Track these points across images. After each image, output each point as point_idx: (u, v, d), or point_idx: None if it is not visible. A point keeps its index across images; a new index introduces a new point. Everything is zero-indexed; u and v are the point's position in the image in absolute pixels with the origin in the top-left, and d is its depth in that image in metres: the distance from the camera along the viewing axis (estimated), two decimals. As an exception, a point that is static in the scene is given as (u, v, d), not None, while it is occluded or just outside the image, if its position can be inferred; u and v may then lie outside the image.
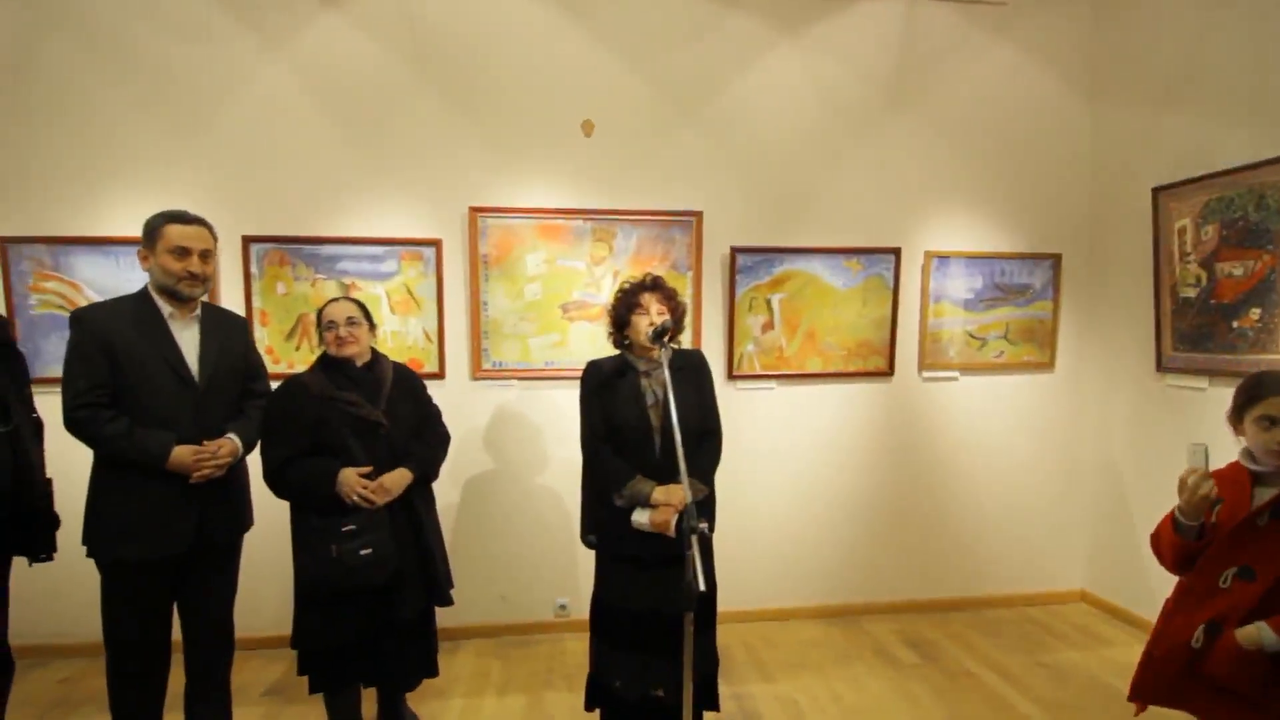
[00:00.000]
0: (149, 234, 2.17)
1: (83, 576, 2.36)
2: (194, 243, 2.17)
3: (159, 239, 2.15)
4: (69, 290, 3.09)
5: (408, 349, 3.29)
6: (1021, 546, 3.80)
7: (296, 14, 3.20)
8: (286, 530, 2.30)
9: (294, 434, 2.22)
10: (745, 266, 3.46)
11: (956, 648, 3.32)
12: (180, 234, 2.16)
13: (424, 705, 2.72)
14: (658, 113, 3.42)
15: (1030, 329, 3.71)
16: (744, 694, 2.89)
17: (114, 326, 2.11)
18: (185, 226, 2.18)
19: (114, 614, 2.16)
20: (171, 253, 2.14)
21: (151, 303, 2.18)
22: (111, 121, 3.12)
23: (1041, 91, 3.67)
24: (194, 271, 2.17)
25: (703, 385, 2.30)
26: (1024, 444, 3.77)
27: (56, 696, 2.87)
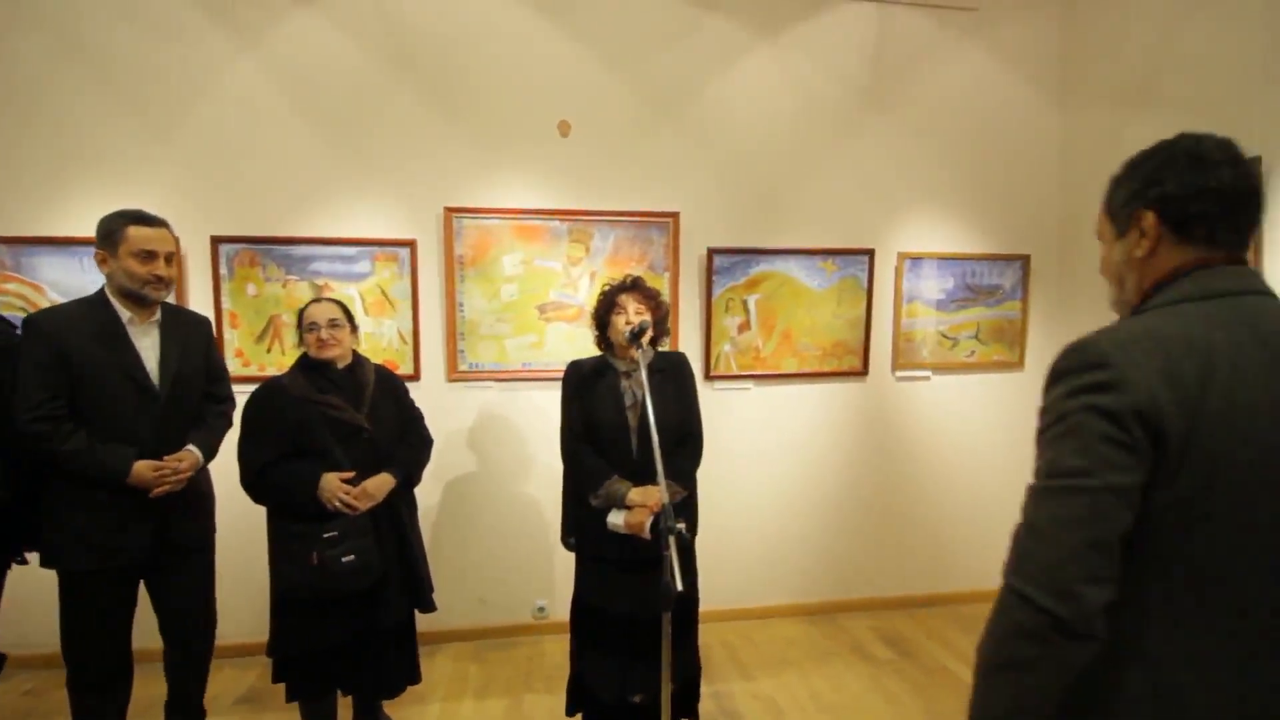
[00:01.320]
0: (107, 235, 2.10)
1: (44, 583, 2.30)
2: (159, 245, 2.13)
3: (120, 241, 2.09)
4: (30, 292, 3.01)
5: (382, 350, 3.25)
6: (995, 542, 3.86)
7: (270, 11, 3.14)
8: (256, 535, 2.26)
9: (273, 437, 2.17)
10: (722, 267, 3.48)
11: (933, 644, 3.37)
12: (144, 236, 2.10)
13: (401, 710, 2.69)
14: (635, 113, 3.42)
15: (1000, 329, 3.78)
16: (723, 693, 2.91)
17: (70, 333, 2.04)
18: (149, 229, 2.12)
19: (71, 624, 2.11)
20: (135, 256, 2.09)
21: (110, 307, 2.12)
22: (76, 119, 3.04)
23: (1011, 94, 3.74)
24: (161, 275, 2.12)
25: (683, 387, 2.30)
26: (995, 441, 3.84)
27: (22, 708, 2.80)
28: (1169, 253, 1.03)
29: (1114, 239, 1.12)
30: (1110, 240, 1.14)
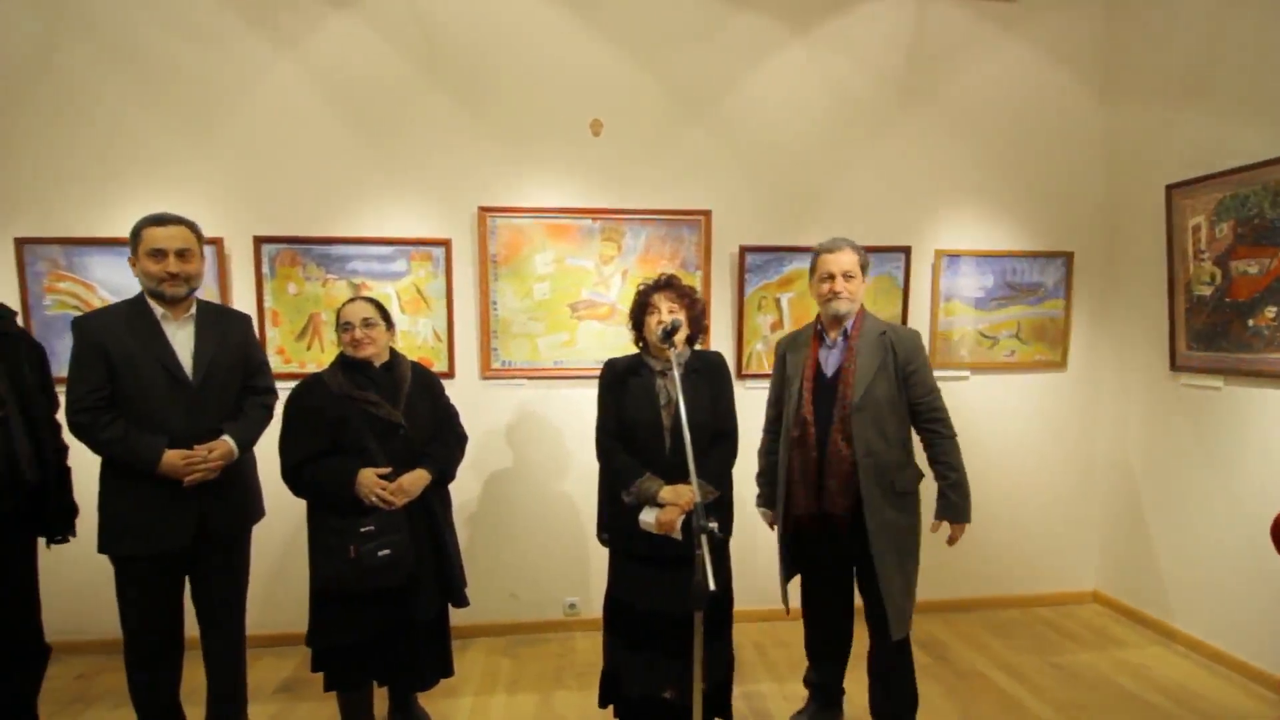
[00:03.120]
0: (133, 239, 2.22)
1: (95, 572, 2.39)
2: (168, 243, 2.19)
3: (140, 243, 2.20)
4: (82, 290, 3.12)
5: (418, 348, 3.30)
6: (1033, 546, 3.78)
7: (308, 15, 3.21)
8: (300, 527, 2.32)
9: (313, 432, 2.23)
10: (754, 265, 3.46)
11: (967, 648, 3.31)
12: (155, 236, 2.19)
13: (435, 703, 2.73)
14: (667, 112, 3.42)
15: (1042, 328, 3.68)
16: (754, 693, 2.89)
17: (109, 331, 2.16)
18: (161, 228, 2.21)
19: (126, 606, 2.22)
20: (150, 255, 2.19)
21: (145, 305, 2.23)
22: (125, 123, 3.14)
23: (1053, 88, 3.64)
24: (172, 271, 2.19)
25: (719, 387, 2.29)
26: (1036, 443, 3.74)
27: (74, 692, 2.90)
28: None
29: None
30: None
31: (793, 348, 2.45)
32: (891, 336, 2.32)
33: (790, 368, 2.41)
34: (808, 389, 2.32)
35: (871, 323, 2.36)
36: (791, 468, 2.32)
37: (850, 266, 2.30)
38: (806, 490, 2.30)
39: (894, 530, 2.26)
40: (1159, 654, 3.24)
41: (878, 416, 2.25)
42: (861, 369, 2.26)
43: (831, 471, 2.25)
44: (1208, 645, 3.17)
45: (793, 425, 2.32)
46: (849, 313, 2.31)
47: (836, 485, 2.25)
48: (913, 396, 2.31)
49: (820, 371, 2.34)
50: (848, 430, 2.24)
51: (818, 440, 2.27)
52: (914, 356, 2.31)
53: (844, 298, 2.29)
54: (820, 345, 2.37)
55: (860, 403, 2.24)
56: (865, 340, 2.30)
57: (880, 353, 2.28)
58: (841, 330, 2.34)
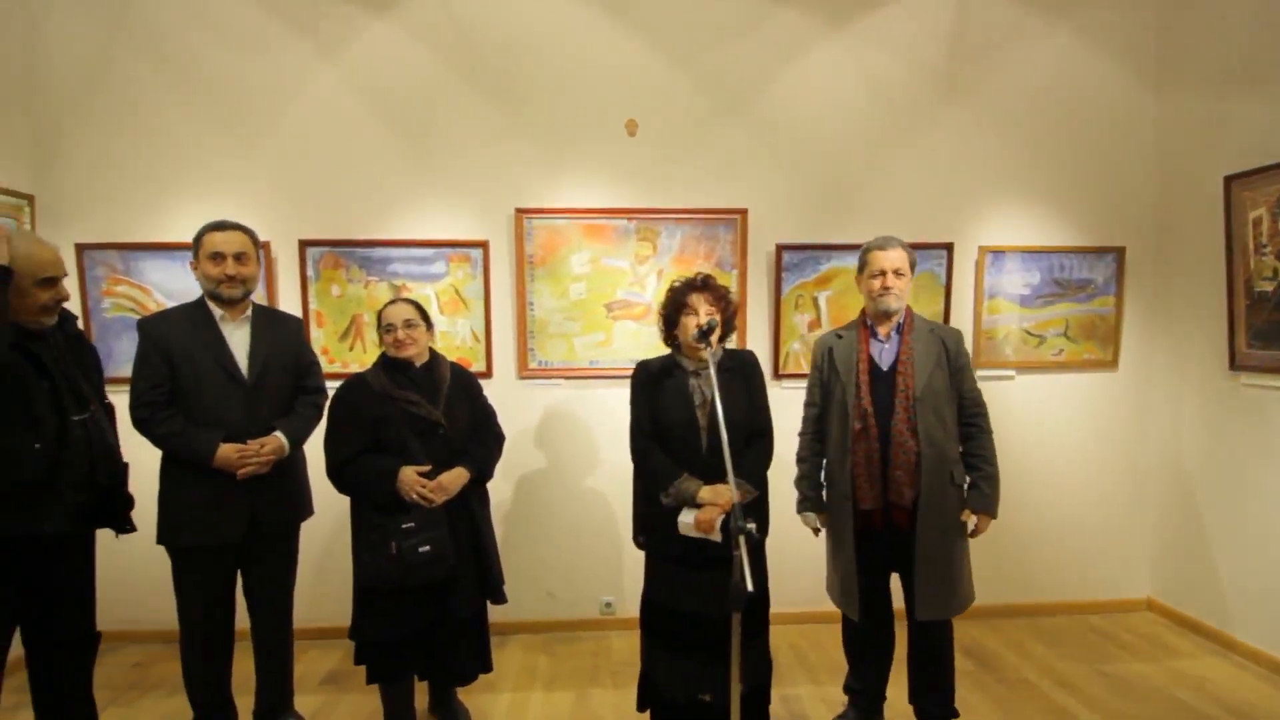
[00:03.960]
0: (195, 244, 2.33)
1: (151, 565, 2.49)
2: (226, 247, 2.30)
3: (200, 248, 2.31)
4: (139, 294, 3.25)
5: (456, 349, 3.35)
6: (1083, 552, 3.66)
7: (349, 23, 3.28)
8: (345, 524, 2.38)
9: (356, 431, 2.29)
10: (791, 264, 3.42)
11: (1014, 655, 3.22)
12: (214, 240, 2.30)
13: (473, 698, 2.76)
14: (702, 110, 3.40)
15: (1092, 326, 3.57)
16: (791, 696, 2.86)
17: (171, 331, 2.28)
18: (220, 233, 2.32)
19: (182, 596, 2.33)
20: (209, 259, 2.29)
21: (205, 307, 2.33)
22: (177, 131, 3.26)
23: (1102, 78, 3.52)
24: (230, 274, 2.30)
25: (753, 386, 2.28)
26: (1085, 445, 3.63)
27: (130, 679, 3.02)
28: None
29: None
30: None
31: (840, 343, 2.44)
32: (940, 333, 2.38)
33: (839, 362, 2.39)
34: (864, 381, 2.32)
35: (920, 320, 2.41)
36: (855, 461, 2.30)
37: (900, 264, 2.34)
38: (871, 482, 2.29)
39: (944, 517, 2.28)
40: (1217, 665, 3.11)
41: (938, 407, 2.29)
42: (920, 361, 2.30)
43: (897, 462, 2.26)
44: (1269, 656, 3.03)
45: (854, 418, 2.31)
46: (899, 309, 2.35)
47: (903, 476, 2.26)
48: (961, 390, 2.36)
49: (874, 364, 2.35)
50: (912, 421, 2.25)
51: (880, 432, 2.28)
52: (961, 352, 2.39)
53: (894, 294, 2.32)
54: (871, 339, 2.38)
55: (922, 394, 2.26)
56: (919, 335, 2.35)
57: (934, 347, 2.33)
58: (894, 325, 2.36)
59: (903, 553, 2.32)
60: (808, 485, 2.52)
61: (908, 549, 2.30)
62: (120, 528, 2.08)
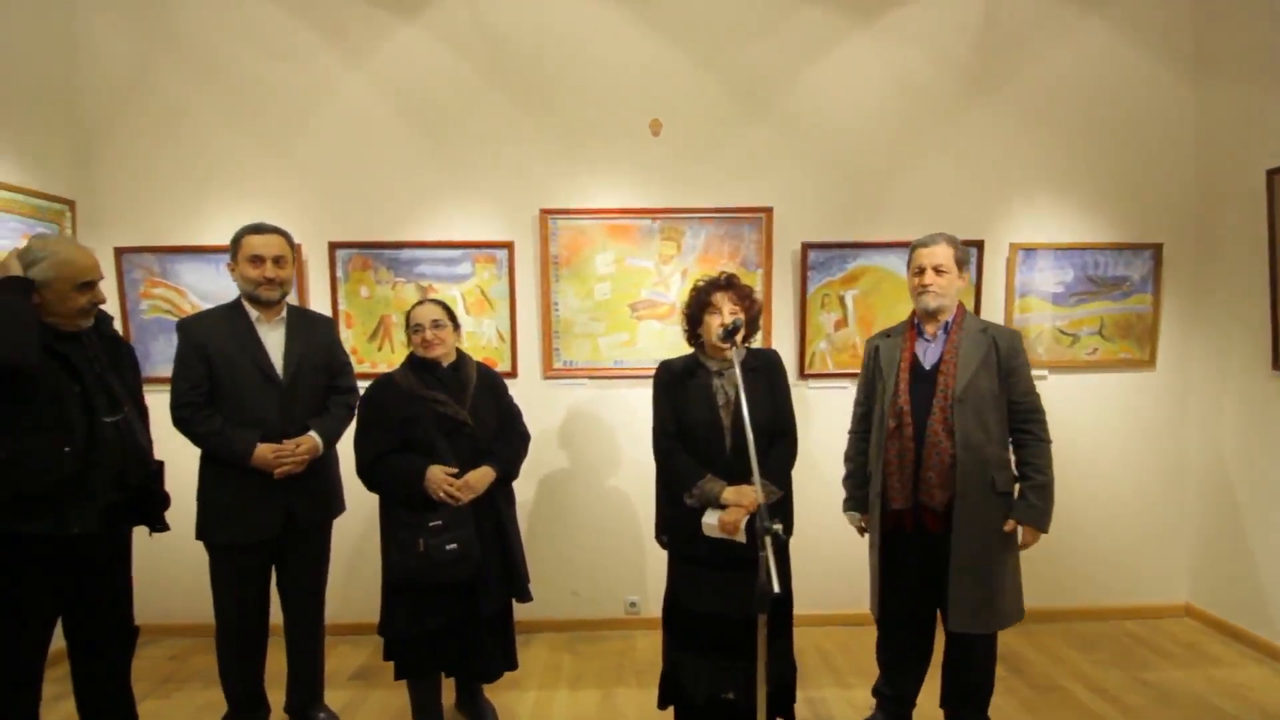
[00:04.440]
0: (233, 246, 2.38)
1: (188, 560, 2.55)
2: (266, 250, 2.35)
3: (239, 250, 2.36)
4: (175, 296, 3.33)
5: (482, 349, 3.38)
6: (1119, 555, 3.57)
7: (376, 28, 3.33)
8: (373, 522, 2.41)
9: (385, 430, 2.32)
10: (817, 262, 3.39)
11: (1046, 661, 3.15)
12: (254, 244, 2.35)
13: (499, 696, 2.78)
14: (726, 109, 3.39)
15: (1128, 324, 3.48)
16: (817, 699, 2.84)
17: (209, 332, 2.33)
18: (259, 236, 2.36)
19: (219, 591, 2.39)
20: (249, 261, 2.34)
21: (241, 309, 2.38)
22: (211, 137, 3.33)
23: (1138, 69, 3.44)
24: (269, 276, 2.34)
25: (776, 385, 2.26)
26: (1122, 446, 3.54)
27: (166, 672, 3.10)
28: None
29: None
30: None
31: (886, 341, 2.39)
32: (994, 333, 2.28)
33: (884, 360, 2.36)
34: (904, 379, 2.27)
35: (972, 319, 2.32)
36: (888, 459, 2.26)
37: (942, 260, 2.25)
38: (902, 482, 2.24)
39: (983, 525, 2.19)
40: (1259, 673, 3.01)
41: (979, 410, 2.20)
42: (963, 361, 2.22)
43: (930, 463, 2.19)
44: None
45: (889, 416, 2.27)
46: (940, 307, 2.27)
47: (935, 478, 2.19)
48: (1013, 394, 2.25)
49: (918, 363, 2.29)
50: (949, 422, 2.18)
51: (915, 431, 2.22)
52: (1016, 353, 2.26)
53: (934, 291, 2.25)
54: (918, 338, 2.32)
55: (962, 394, 2.19)
56: (967, 334, 2.26)
57: (983, 347, 2.24)
58: (942, 324, 2.29)
59: (935, 558, 2.25)
60: (853, 484, 2.48)
61: (940, 554, 2.23)
62: (154, 526, 2.14)
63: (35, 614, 1.94)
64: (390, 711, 2.75)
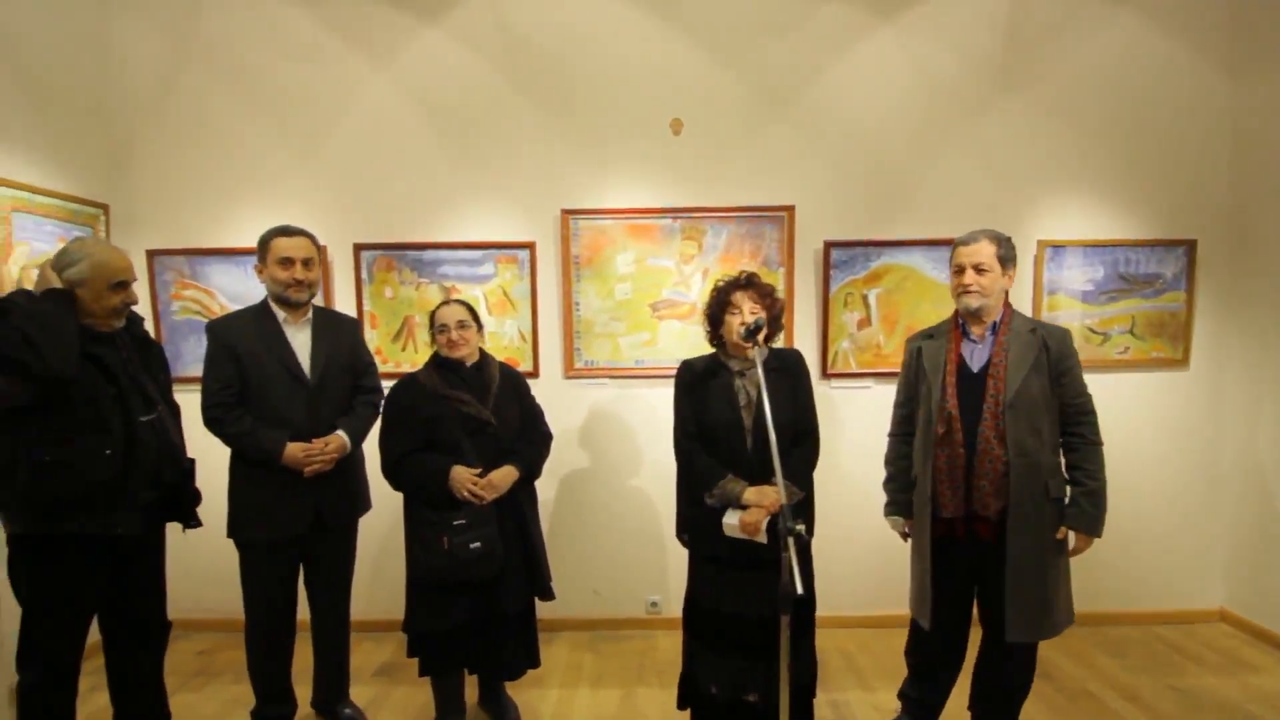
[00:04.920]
0: (261, 249, 2.41)
1: (219, 557, 2.60)
2: (296, 252, 2.38)
3: (268, 253, 2.39)
4: (205, 297, 3.39)
5: (504, 349, 3.40)
6: (1151, 559, 3.49)
7: (400, 31, 3.36)
8: (398, 521, 2.44)
9: (410, 430, 2.35)
10: (840, 261, 3.36)
11: (1075, 665, 3.10)
12: (283, 246, 2.38)
13: (521, 693, 2.80)
14: (748, 107, 3.37)
15: (1160, 322, 3.40)
16: (840, 701, 2.82)
17: (238, 333, 2.36)
18: (288, 238, 2.39)
19: (249, 588, 2.43)
20: (278, 263, 2.37)
21: (269, 310, 2.42)
22: (240, 142, 3.39)
23: (1171, 62, 3.36)
24: (298, 278, 2.38)
25: (798, 385, 2.24)
26: (1154, 447, 3.46)
27: (196, 666, 3.16)
28: None
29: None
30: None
31: (929, 343, 2.32)
32: (1044, 333, 2.19)
33: (928, 363, 2.28)
34: (950, 383, 2.19)
35: (1021, 319, 2.24)
36: (937, 466, 2.19)
37: (983, 259, 2.17)
38: (953, 490, 2.17)
39: (1038, 533, 2.13)
40: (1300, 682, 2.93)
41: (1032, 415, 2.12)
42: (1013, 364, 2.13)
43: (982, 471, 2.12)
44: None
45: (937, 421, 2.19)
46: (981, 307, 2.18)
47: (989, 486, 2.12)
48: (1065, 396, 2.18)
49: (964, 366, 2.21)
50: (1000, 428, 2.11)
51: (966, 438, 2.15)
52: (1067, 354, 2.18)
53: (974, 291, 2.17)
54: (963, 339, 2.25)
55: (1014, 400, 2.11)
56: (1016, 335, 2.18)
57: (1033, 349, 2.15)
58: (989, 325, 2.21)
59: (986, 565, 2.19)
60: (895, 488, 2.42)
61: (991, 562, 2.17)
62: (187, 523, 2.19)
63: (75, 610, 1.99)
64: (414, 708, 2.78)
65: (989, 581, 2.21)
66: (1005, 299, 2.24)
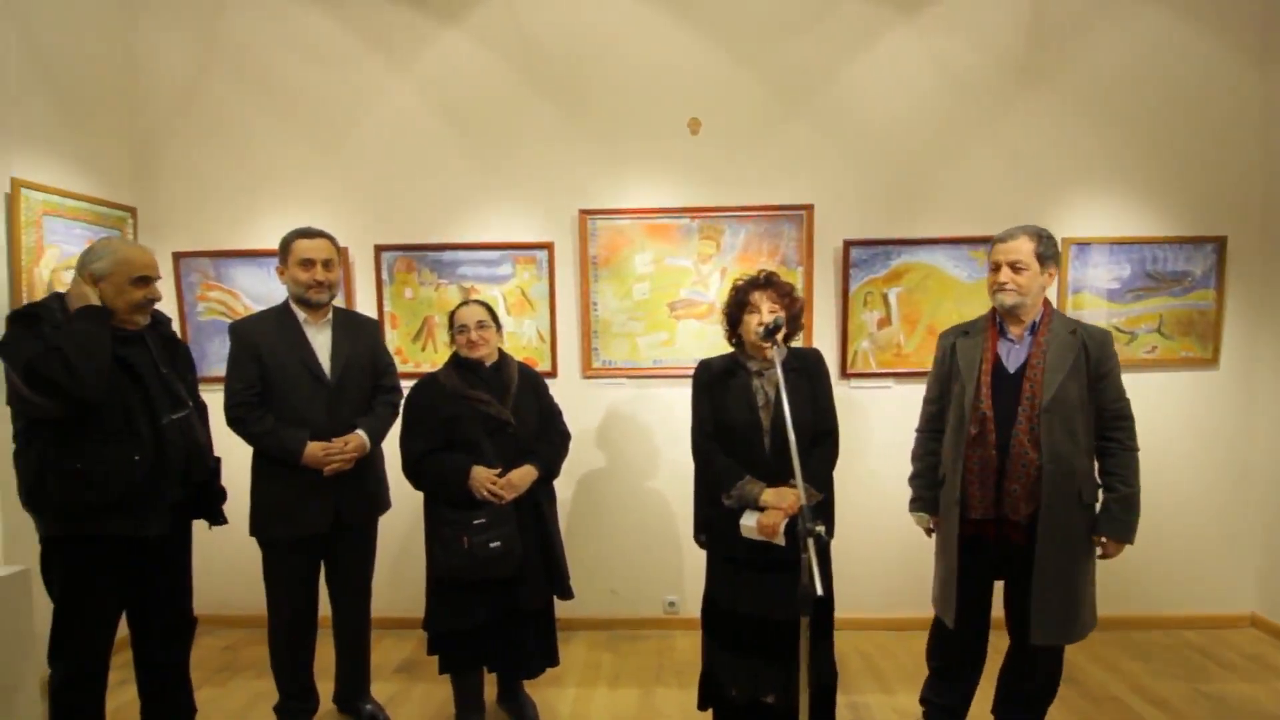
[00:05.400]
0: (282, 251, 2.44)
1: (243, 555, 2.63)
2: (316, 254, 2.41)
3: (290, 254, 2.42)
4: (229, 298, 3.44)
5: (522, 349, 3.41)
6: (1180, 562, 3.42)
7: (419, 34, 3.39)
8: (418, 520, 2.46)
9: (430, 429, 2.37)
10: (860, 260, 3.33)
11: (1100, 670, 3.05)
12: (304, 248, 2.41)
13: (540, 692, 2.81)
14: (765, 106, 3.36)
15: (1189, 321, 3.34)
16: (860, 704, 2.79)
17: (260, 334, 2.40)
18: (309, 240, 2.43)
19: (271, 585, 2.47)
20: (299, 265, 2.40)
21: (290, 312, 2.45)
22: (262, 146, 3.44)
23: (1199, 55, 3.28)
24: (319, 279, 2.41)
25: (818, 386, 2.22)
26: (1183, 448, 3.39)
27: (221, 662, 3.21)
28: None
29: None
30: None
31: (965, 340, 2.27)
32: (1083, 334, 2.13)
33: (962, 360, 2.23)
34: (985, 383, 2.15)
35: (1061, 319, 2.19)
36: (968, 467, 2.15)
37: (1020, 256, 2.11)
38: (984, 492, 2.13)
39: (1068, 538, 2.10)
40: (1335, 689, 2.86)
41: (1068, 419, 2.07)
42: (1051, 367, 2.08)
43: (1014, 474, 2.08)
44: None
45: (970, 421, 2.15)
46: (1018, 305, 2.13)
47: (1020, 490, 2.08)
48: (1102, 401, 2.13)
49: (1000, 366, 2.17)
50: (1034, 432, 2.07)
51: (999, 440, 2.11)
52: (1107, 357, 2.13)
53: (1010, 290, 2.12)
54: (1000, 338, 2.21)
55: (1050, 404, 2.07)
56: (1055, 337, 2.12)
57: (1072, 351, 2.10)
58: (1028, 325, 2.17)
59: (1012, 567, 2.16)
60: (921, 484, 2.39)
61: (1018, 564, 2.13)
62: (213, 521, 2.23)
63: (104, 608, 2.03)
64: (433, 704, 2.80)
65: (1015, 584, 2.18)
66: (1045, 298, 2.19)
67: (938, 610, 2.33)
